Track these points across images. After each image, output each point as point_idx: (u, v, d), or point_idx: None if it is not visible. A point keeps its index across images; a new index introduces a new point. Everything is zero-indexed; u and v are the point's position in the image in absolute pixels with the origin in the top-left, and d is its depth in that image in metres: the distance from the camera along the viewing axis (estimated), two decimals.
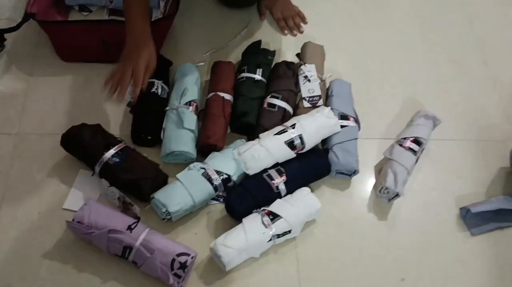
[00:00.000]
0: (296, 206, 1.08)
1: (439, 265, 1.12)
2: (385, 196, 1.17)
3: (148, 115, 1.19)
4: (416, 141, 1.20)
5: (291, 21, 1.48)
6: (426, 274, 1.11)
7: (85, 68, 1.31)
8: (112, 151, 1.10)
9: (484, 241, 1.16)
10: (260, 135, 1.14)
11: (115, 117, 1.24)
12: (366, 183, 1.22)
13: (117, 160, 1.09)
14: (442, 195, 1.22)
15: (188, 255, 1.00)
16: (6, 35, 1.29)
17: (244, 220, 1.06)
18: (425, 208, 1.20)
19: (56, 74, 1.29)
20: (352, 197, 1.20)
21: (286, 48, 1.43)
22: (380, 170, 1.22)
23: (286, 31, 1.47)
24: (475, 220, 1.17)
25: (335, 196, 1.19)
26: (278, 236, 1.06)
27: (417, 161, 1.20)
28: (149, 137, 1.18)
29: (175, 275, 0.99)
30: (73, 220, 1.01)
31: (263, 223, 1.05)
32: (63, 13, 1.37)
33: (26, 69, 1.29)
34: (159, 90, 1.22)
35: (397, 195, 1.15)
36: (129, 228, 1.01)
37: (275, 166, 1.14)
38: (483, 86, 1.44)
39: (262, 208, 1.08)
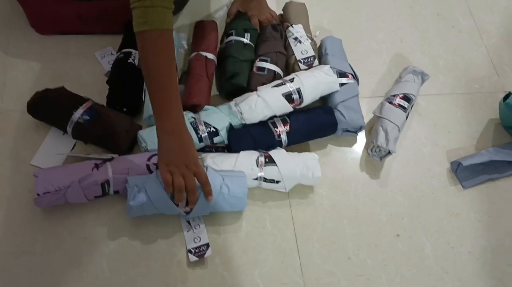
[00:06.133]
0: (295, 163, 1.08)
1: (433, 219, 1.13)
2: (376, 154, 1.17)
3: (124, 88, 1.16)
4: (406, 97, 1.19)
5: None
6: (420, 229, 1.12)
7: (63, 40, 1.26)
8: (80, 110, 1.07)
9: (476, 193, 1.18)
10: (259, 87, 1.13)
11: (97, 88, 1.19)
12: (357, 142, 1.22)
13: (87, 117, 1.07)
14: (432, 150, 1.23)
15: (156, 154, 1.00)
16: None
17: (242, 152, 1.08)
18: (417, 164, 1.20)
19: (33, 49, 1.25)
20: (344, 156, 1.19)
21: None
22: (370, 129, 1.21)
23: None
24: (466, 173, 1.18)
25: (327, 156, 1.19)
26: (265, 180, 1.07)
27: (407, 117, 1.20)
28: (124, 109, 1.15)
29: None
30: (38, 195, 0.98)
31: (257, 161, 1.06)
32: None
33: (2, 45, 1.24)
34: (136, 61, 1.17)
35: (389, 153, 1.15)
36: (96, 166, 1.02)
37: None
38: (469, 38, 1.43)
39: (264, 151, 1.09)
